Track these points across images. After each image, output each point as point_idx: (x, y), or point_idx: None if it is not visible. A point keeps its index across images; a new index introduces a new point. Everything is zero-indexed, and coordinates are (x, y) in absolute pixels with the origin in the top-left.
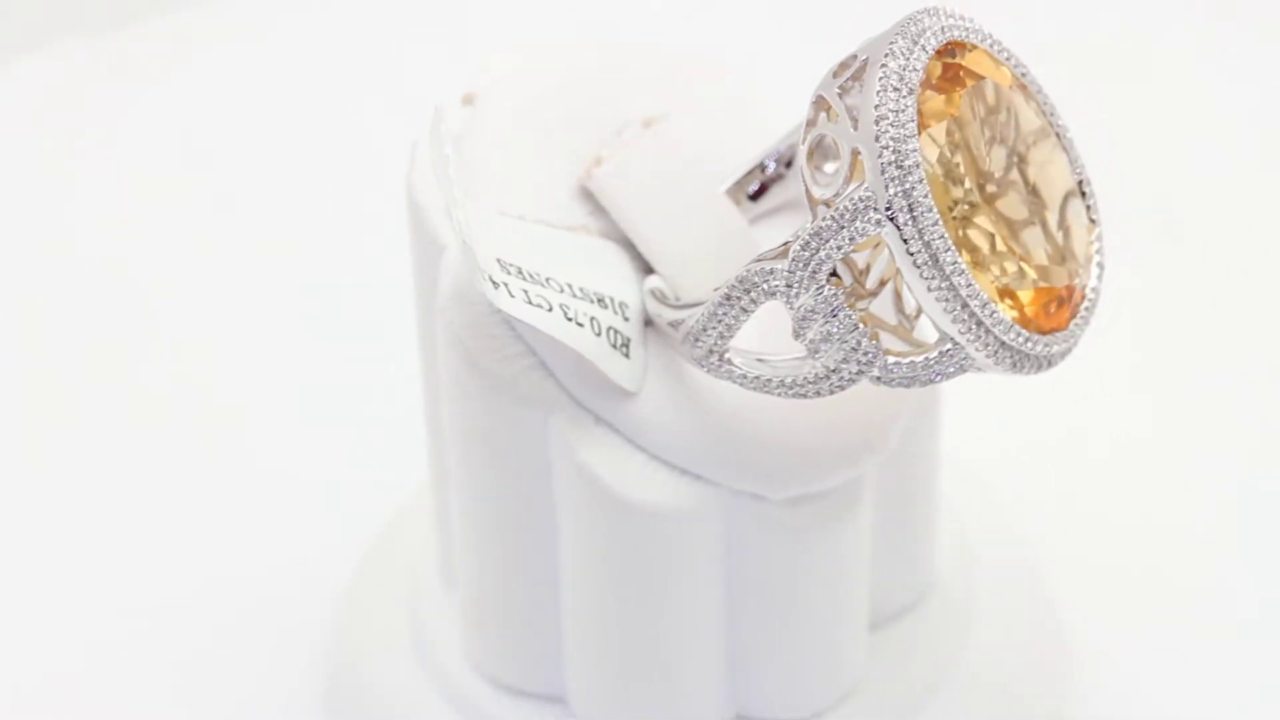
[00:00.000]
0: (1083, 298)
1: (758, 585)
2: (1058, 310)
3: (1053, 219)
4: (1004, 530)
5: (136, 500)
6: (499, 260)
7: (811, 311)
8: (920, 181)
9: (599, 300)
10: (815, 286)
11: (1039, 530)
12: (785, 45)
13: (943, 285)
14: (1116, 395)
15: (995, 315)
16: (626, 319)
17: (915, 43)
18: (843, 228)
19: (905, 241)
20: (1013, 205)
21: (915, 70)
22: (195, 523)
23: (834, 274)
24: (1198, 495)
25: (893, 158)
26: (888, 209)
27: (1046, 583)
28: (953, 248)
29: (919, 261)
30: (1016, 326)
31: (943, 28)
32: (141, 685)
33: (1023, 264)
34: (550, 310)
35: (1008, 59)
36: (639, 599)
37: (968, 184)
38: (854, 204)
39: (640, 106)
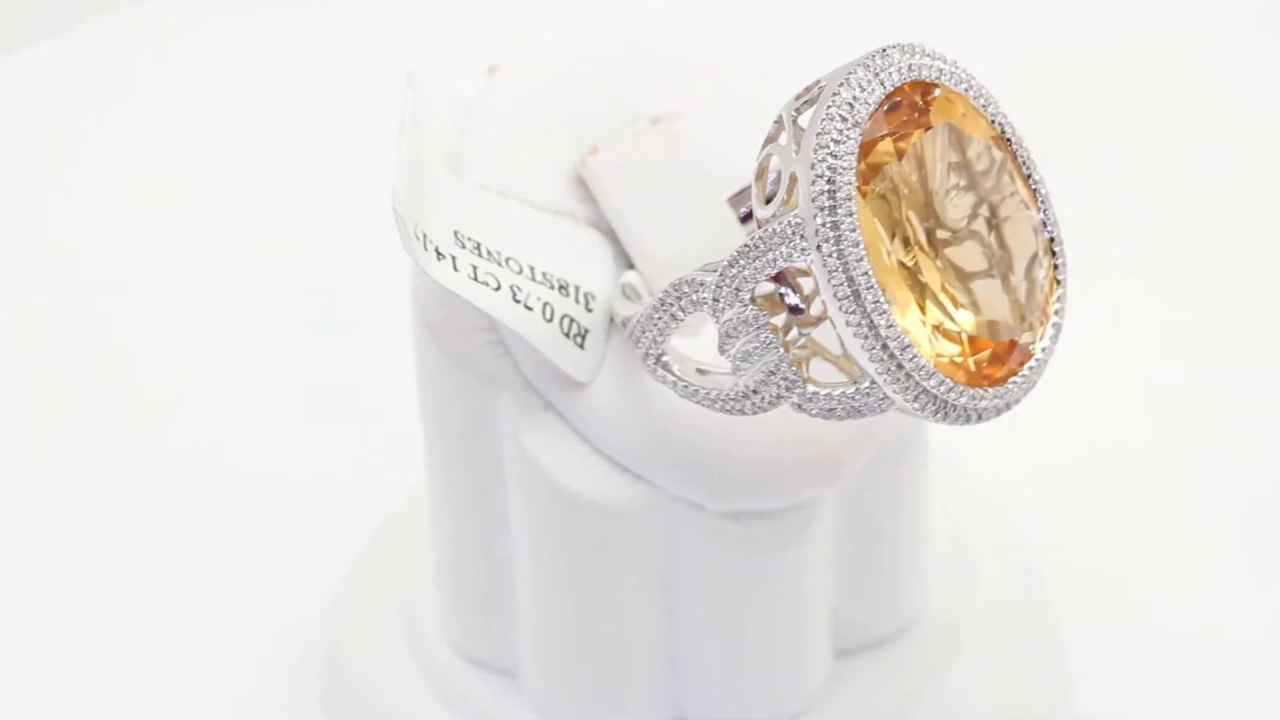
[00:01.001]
0: (1029, 356)
1: (696, 592)
2: (993, 365)
3: (1017, 275)
4: (1002, 535)
5: (133, 497)
6: (456, 233)
7: (734, 329)
8: (850, 215)
9: (560, 287)
10: (739, 305)
11: (1037, 533)
12: (820, 55)
13: (862, 322)
14: (1115, 400)
15: (916, 360)
16: (589, 310)
17: (876, 76)
18: (769, 250)
19: (829, 273)
20: (968, 254)
21: (866, 104)
22: (192, 520)
23: (775, 295)
24: (1197, 500)
25: (826, 187)
26: (816, 237)
27: (1045, 590)
28: (876, 285)
29: (840, 295)
30: (939, 374)
31: (910, 65)
32: (139, 681)
33: (963, 313)
34: (498, 289)
35: (986, 107)
36: (575, 586)
37: (915, 226)
38: (783, 228)
39: (657, 103)
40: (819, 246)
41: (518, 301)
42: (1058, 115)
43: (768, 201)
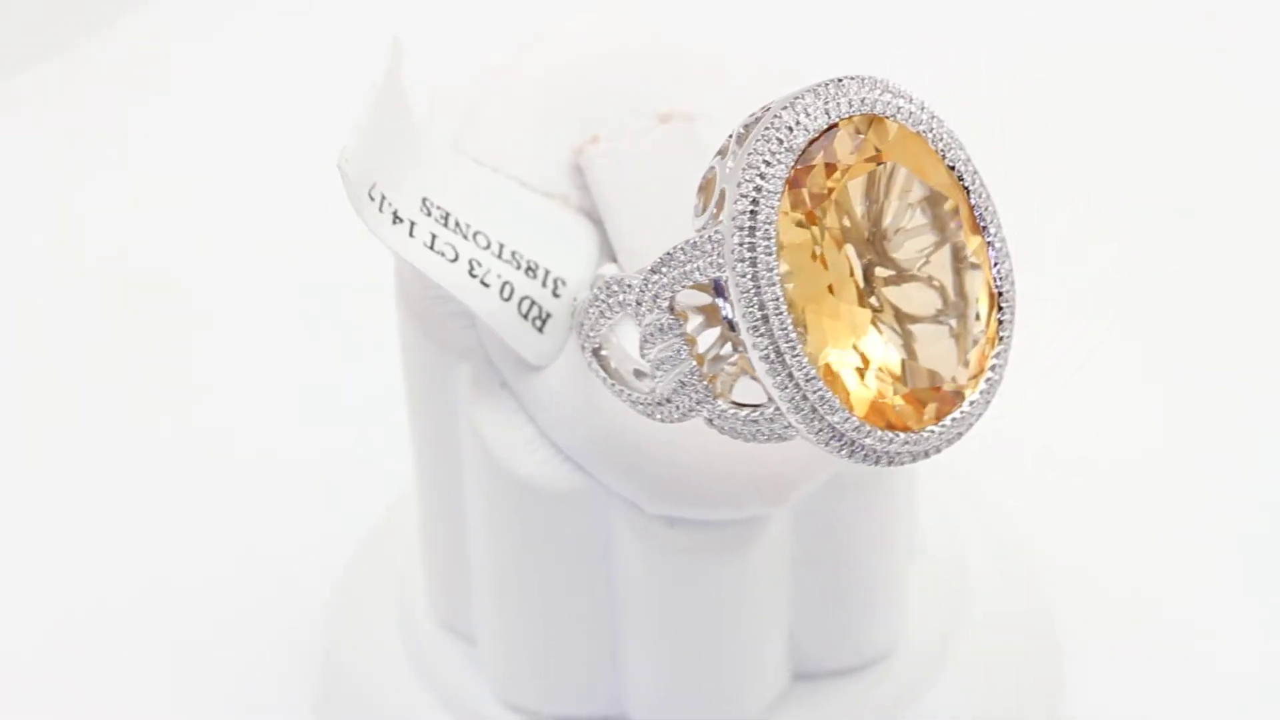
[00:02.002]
0: (954, 406)
1: (634, 590)
2: (916, 411)
3: (968, 324)
4: (1000, 541)
5: (127, 493)
6: (424, 200)
7: (651, 334)
8: (768, 239)
9: (528, 268)
10: (658, 311)
11: (1037, 543)
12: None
13: (769, 347)
14: (1113, 402)
15: (821, 392)
16: (556, 295)
17: (824, 104)
18: (689, 261)
19: (741, 294)
20: (913, 295)
21: (807, 130)
22: (187, 520)
23: (714, 306)
24: (1195, 503)
25: (749, 207)
26: (732, 255)
27: (1045, 602)
28: (785, 312)
29: (750, 317)
30: (845, 410)
31: (864, 99)
32: (132, 677)
33: (891, 353)
34: (454, 260)
35: (945, 152)
36: (517, 565)
37: (853, 260)
38: (703, 242)
39: (678, 102)
40: (735, 265)
41: (474, 276)
42: (1057, 114)
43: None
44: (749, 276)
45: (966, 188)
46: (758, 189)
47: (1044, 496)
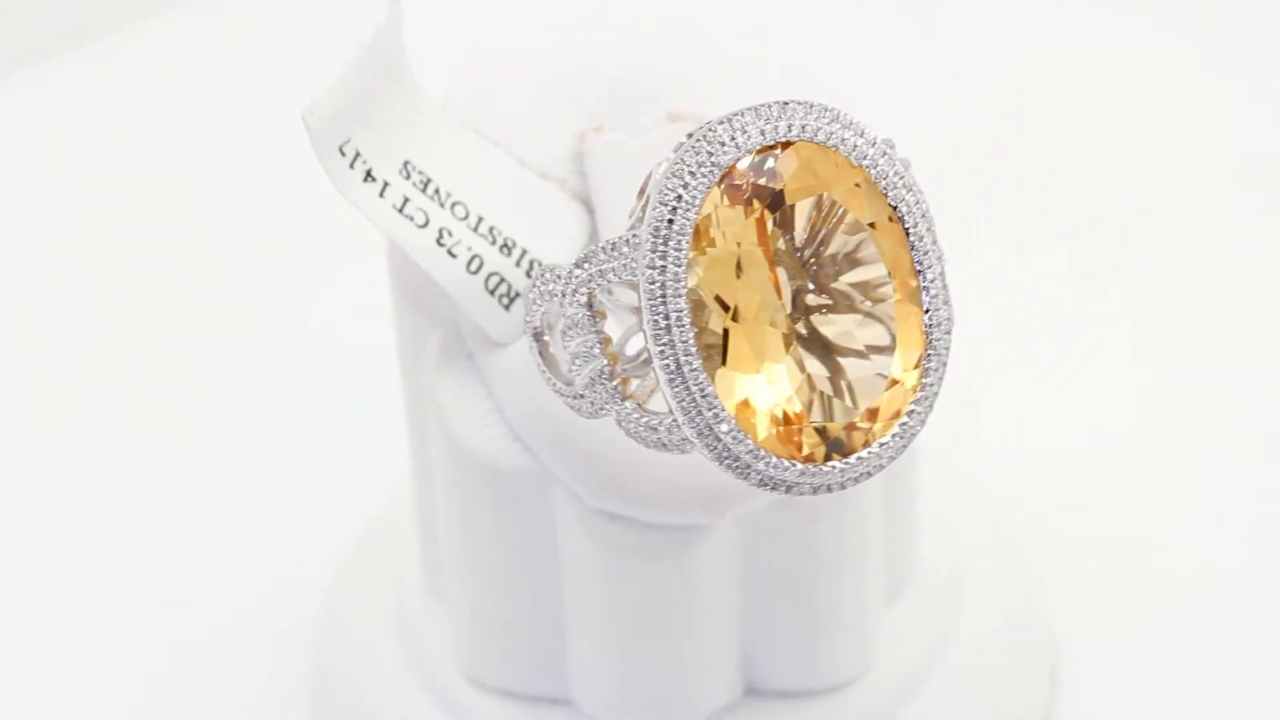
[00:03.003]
0: (862, 445)
1: (576, 577)
2: (822, 442)
3: (890, 363)
4: (992, 532)
5: (124, 496)
6: (406, 163)
7: (570, 327)
8: (679, 249)
9: (504, 245)
10: (577, 305)
11: (1028, 533)
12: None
13: (670, 355)
14: (1113, 404)
15: (717, 411)
16: (529, 275)
17: (761, 125)
18: (606, 262)
19: (648, 301)
20: (841, 327)
21: (738, 148)
22: (182, 519)
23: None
24: (1194, 505)
25: (667, 216)
26: (644, 261)
27: (1040, 593)
28: (688, 324)
29: (655, 326)
30: (739, 431)
31: (805, 126)
32: (127, 677)
33: (799, 382)
34: (423, 225)
35: (889, 189)
36: (469, 538)
37: (784, 284)
38: (620, 244)
39: (694, 102)
40: (645, 272)
41: (441, 244)
42: (1056, 113)
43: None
44: (658, 285)
45: (907, 229)
46: (678, 199)
47: (1042, 497)
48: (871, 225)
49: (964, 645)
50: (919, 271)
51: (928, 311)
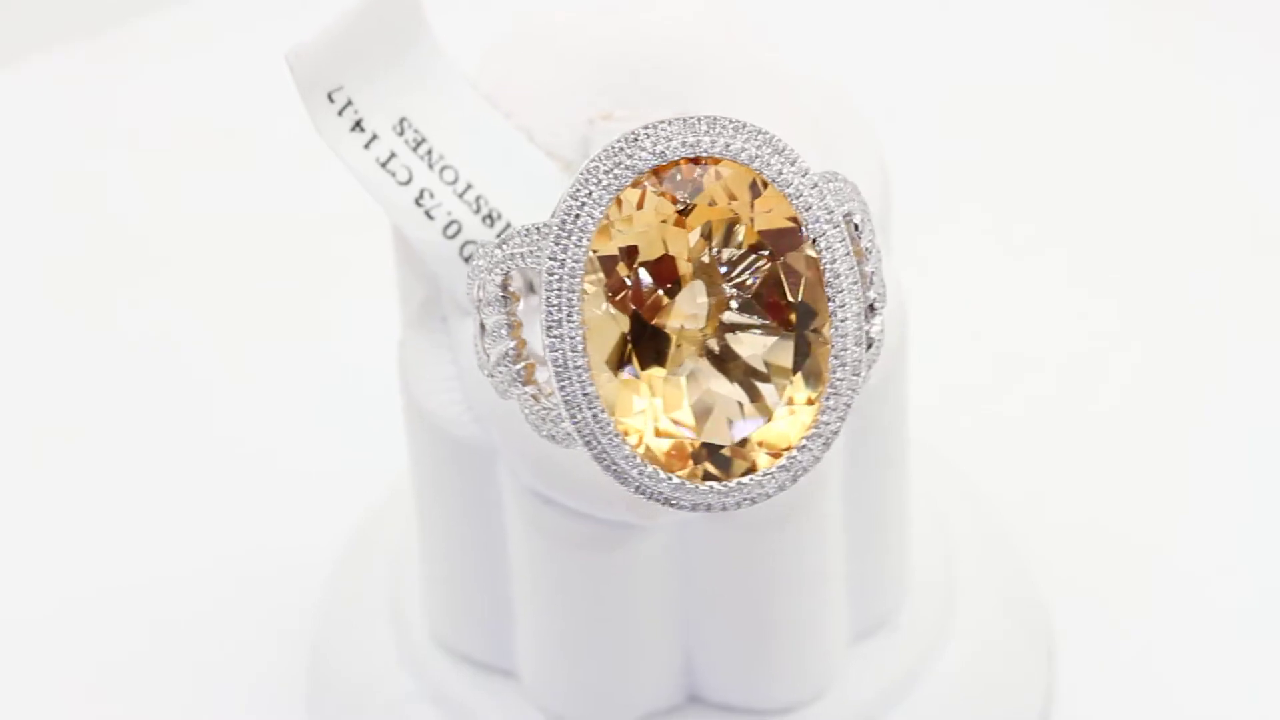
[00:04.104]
0: (744, 472)
1: (516, 553)
2: (707, 460)
3: (792, 391)
4: (986, 525)
5: (121, 493)
6: (403, 120)
7: (487, 305)
8: (579, 245)
9: (488, 217)
10: (493, 283)
11: (1024, 527)
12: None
13: (560, 352)
14: (1108, 396)
15: (597, 412)
16: None
17: (686, 137)
18: (521, 247)
19: (546, 292)
20: (750, 349)
21: (654, 156)
22: (177, 513)
23: None
24: (1191, 497)
25: (575, 209)
26: (546, 253)
27: (1033, 584)
28: (579, 321)
29: (550, 318)
30: (618, 436)
31: (728, 145)
32: (122, 674)
33: (695, 395)
34: (406, 183)
35: (811, 219)
36: (429, 502)
37: (699, 297)
38: (532, 230)
39: (709, 105)
40: (547, 263)
41: (419, 205)
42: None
43: None
44: (556, 277)
45: (823, 267)
46: (589, 195)
47: (1035, 487)
48: (782, 256)
49: (957, 638)
50: (830, 297)
51: (834, 355)
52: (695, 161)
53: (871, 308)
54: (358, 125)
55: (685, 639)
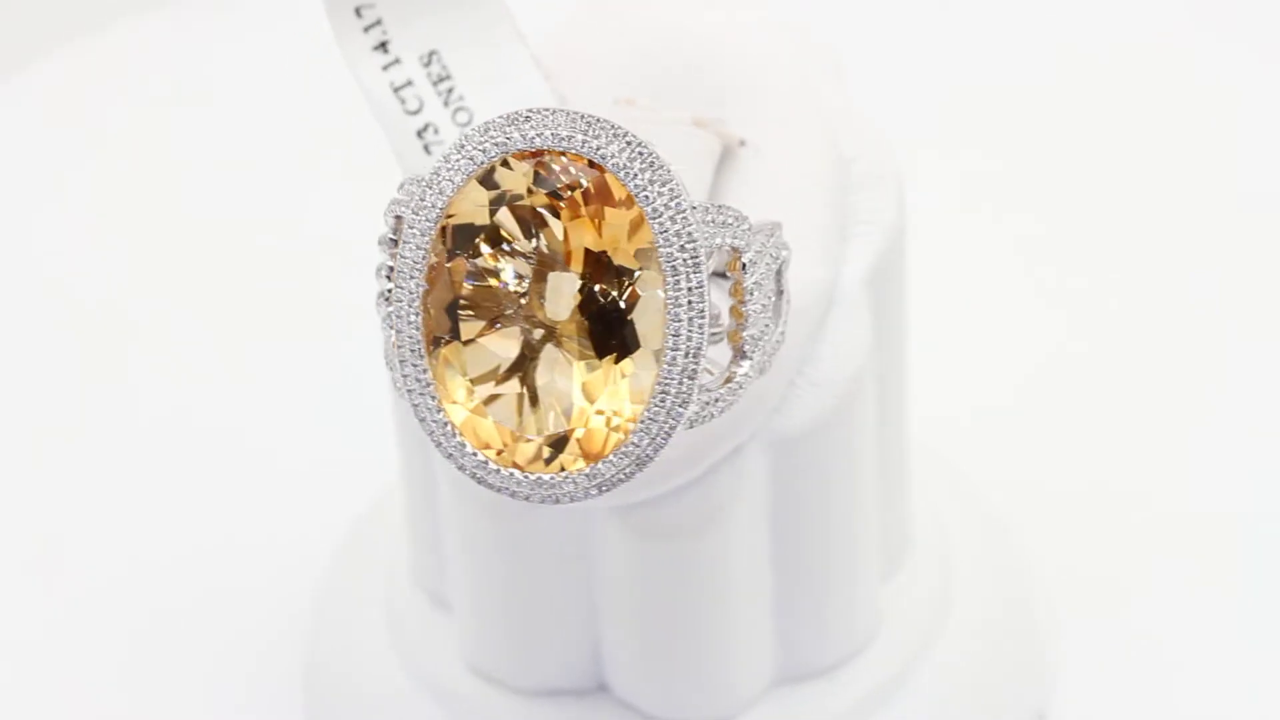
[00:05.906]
0: (562, 468)
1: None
2: (504, 443)
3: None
4: (981, 520)
5: (115, 488)
6: (433, 52)
7: (379, 241)
8: (432, 206)
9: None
10: (385, 224)
11: (1020, 522)
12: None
13: (402, 302)
14: (1102, 390)
15: (424, 377)
16: None
17: (557, 133)
18: (415, 193)
19: (404, 243)
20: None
21: (514, 144)
22: (173, 510)
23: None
24: (1186, 492)
25: (441, 167)
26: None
27: (1030, 579)
28: (417, 296)
29: (402, 270)
30: (437, 408)
31: (597, 148)
32: (119, 671)
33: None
34: (413, 113)
35: (660, 232)
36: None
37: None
38: (419, 179)
39: (732, 117)
40: (415, 213)
41: (421, 138)
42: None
43: None
44: (415, 228)
45: (666, 284)
46: (445, 170)
47: (1033, 486)
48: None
49: (953, 633)
50: (666, 339)
51: (659, 383)
52: (594, 165)
53: (743, 351)
54: (382, 46)
55: (594, 627)
